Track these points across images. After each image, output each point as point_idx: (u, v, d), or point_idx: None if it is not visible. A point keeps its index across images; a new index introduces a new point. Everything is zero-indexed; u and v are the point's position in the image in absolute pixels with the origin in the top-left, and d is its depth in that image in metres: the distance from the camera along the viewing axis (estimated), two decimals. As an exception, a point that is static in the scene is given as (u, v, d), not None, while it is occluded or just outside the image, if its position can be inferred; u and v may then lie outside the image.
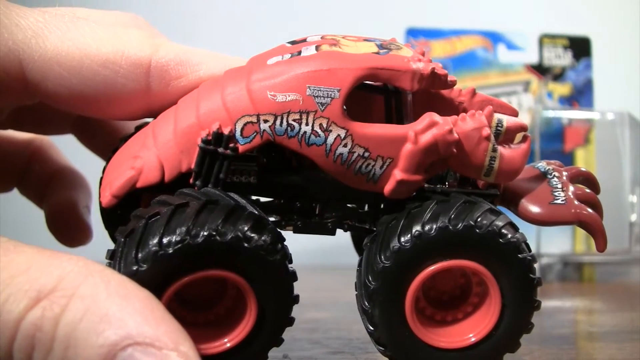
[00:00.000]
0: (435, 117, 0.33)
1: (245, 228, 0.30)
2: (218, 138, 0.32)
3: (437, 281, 0.36)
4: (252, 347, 0.32)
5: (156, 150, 0.33)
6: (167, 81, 0.35)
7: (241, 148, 0.32)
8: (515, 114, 0.37)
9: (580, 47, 1.01)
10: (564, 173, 0.38)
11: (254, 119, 0.32)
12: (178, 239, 0.29)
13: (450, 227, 0.32)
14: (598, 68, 1.01)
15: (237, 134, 0.32)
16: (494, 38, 1.00)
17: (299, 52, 0.33)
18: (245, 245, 0.30)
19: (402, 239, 0.32)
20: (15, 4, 0.34)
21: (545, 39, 1.00)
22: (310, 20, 1.21)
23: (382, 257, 0.33)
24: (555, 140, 0.93)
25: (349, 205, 0.36)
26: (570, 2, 1.24)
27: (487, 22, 1.04)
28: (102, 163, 0.49)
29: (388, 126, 0.33)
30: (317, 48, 0.33)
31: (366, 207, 0.38)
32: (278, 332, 0.33)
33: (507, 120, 0.35)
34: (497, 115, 0.35)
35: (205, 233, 0.30)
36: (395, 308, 0.33)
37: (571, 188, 0.36)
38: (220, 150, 0.32)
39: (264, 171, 0.35)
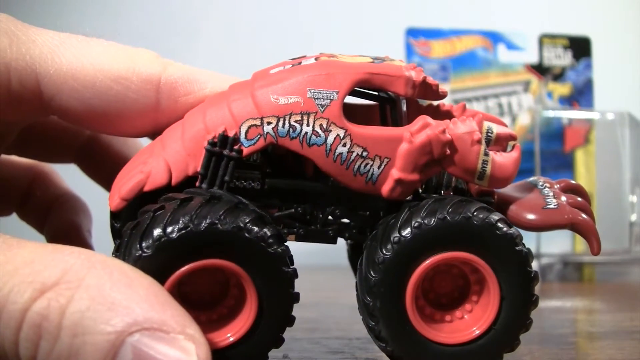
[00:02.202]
0: (429, 119, 0.34)
1: (247, 220, 0.31)
2: (223, 140, 0.33)
3: (435, 283, 0.36)
4: (254, 343, 0.33)
5: (164, 155, 0.34)
6: (175, 97, 0.36)
7: (245, 150, 0.33)
8: (504, 126, 0.38)
9: (580, 47, 1.01)
10: (555, 185, 0.39)
11: (258, 122, 0.33)
12: (181, 226, 0.30)
13: (449, 218, 0.33)
14: (598, 68, 1.01)
15: (242, 136, 0.33)
16: (494, 38, 1.00)
17: (299, 63, 0.35)
18: (246, 235, 0.31)
19: (403, 232, 0.33)
20: (31, 25, 0.35)
21: (545, 39, 1.00)
22: (310, 20, 1.21)
23: (383, 249, 0.34)
24: (555, 140, 0.93)
25: (349, 213, 0.37)
26: (570, 2, 1.24)
27: (487, 22, 1.05)
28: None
29: (385, 128, 0.35)
30: (316, 59, 0.35)
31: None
32: (278, 329, 0.33)
33: (497, 128, 0.36)
34: (486, 123, 0.36)
35: (208, 221, 0.31)
36: (396, 301, 0.34)
37: (563, 197, 0.37)
38: (226, 152, 0.33)
39: (268, 177, 0.36)
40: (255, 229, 0.31)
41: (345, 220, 0.37)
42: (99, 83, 0.35)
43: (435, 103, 0.39)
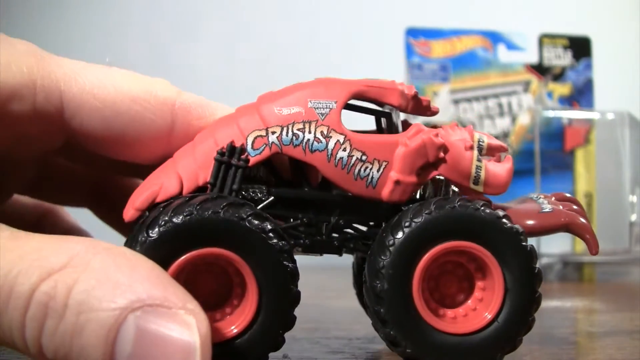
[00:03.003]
0: (422, 126, 0.37)
1: (249, 212, 0.33)
2: (231, 150, 0.35)
3: (441, 283, 0.37)
4: (253, 338, 0.33)
5: (176, 169, 0.36)
6: (189, 121, 0.38)
7: (252, 160, 0.36)
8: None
9: (580, 47, 1.01)
10: (552, 198, 0.41)
11: (263, 133, 0.36)
12: (186, 213, 0.32)
13: (458, 208, 0.35)
14: (598, 68, 1.01)
15: (249, 146, 0.36)
16: (494, 38, 1.00)
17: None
18: (247, 225, 0.33)
19: (415, 219, 0.35)
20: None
21: (545, 39, 1.00)
22: (310, 19, 1.21)
23: (394, 233, 0.35)
24: (555, 140, 0.93)
25: (354, 224, 0.39)
26: (570, 2, 1.24)
27: (487, 22, 1.05)
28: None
29: (382, 135, 0.38)
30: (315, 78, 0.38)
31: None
32: (278, 326, 0.34)
33: (487, 138, 0.38)
34: (477, 133, 0.38)
35: (211, 210, 0.33)
36: (403, 284, 0.35)
37: (560, 206, 0.39)
38: (234, 161, 0.35)
39: (275, 187, 0.38)
40: (256, 221, 0.33)
41: (351, 231, 0.38)
42: (119, 102, 0.37)
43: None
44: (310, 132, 0.36)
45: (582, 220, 0.38)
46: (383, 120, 0.40)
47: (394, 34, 1.03)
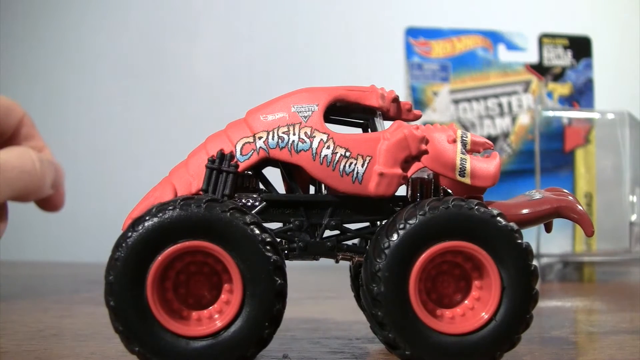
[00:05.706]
0: (403, 123, 0.38)
1: (230, 206, 0.34)
2: (221, 158, 0.37)
3: (438, 284, 0.37)
4: (236, 333, 0.34)
5: (171, 181, 0.38)
6: None
7: (241, 165, 0.37)
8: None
9: (580, 47, 1.01)
10: (545, 192, 0.41)
11: (251, 139, 0.38)
12: (171, 208, 0.34)
13: (452, 208, 0.35)
14: (598, 68, 1.01)
15: (237, 153, 0.37)
16: (494, 38, 1.00)
17: None
18: (228, 217, 0.34)
19: (409, 220, 0.35)
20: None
21: (545, 39, 1.00)
22: (309, 18, 1.21)
23: (389, 236, 0.35)
24: (555, 140, 0.93)
25: (346, 225, 0.39)
26: (570, 2, 1.24)
27: (487, 22, 1.05)
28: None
29: (364, 133, 0.39)
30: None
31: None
32: (263, 321, 0.34)
33: (471, 134, 0.39)
34: (460, 130, 0.39)
35: (193, 206, 0.34)
36: (400, 286, 0.35)
37: (550, 194, 0.40)
38: (224, 167, 0.37)
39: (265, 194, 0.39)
40: (237, 214, 0.34)
41: (345, 233, 0.39)
42: None
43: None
44: (294, 134, 0.37)
45: (575, 204, 0.38)
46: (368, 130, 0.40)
47: (394, 34, 1.03)
